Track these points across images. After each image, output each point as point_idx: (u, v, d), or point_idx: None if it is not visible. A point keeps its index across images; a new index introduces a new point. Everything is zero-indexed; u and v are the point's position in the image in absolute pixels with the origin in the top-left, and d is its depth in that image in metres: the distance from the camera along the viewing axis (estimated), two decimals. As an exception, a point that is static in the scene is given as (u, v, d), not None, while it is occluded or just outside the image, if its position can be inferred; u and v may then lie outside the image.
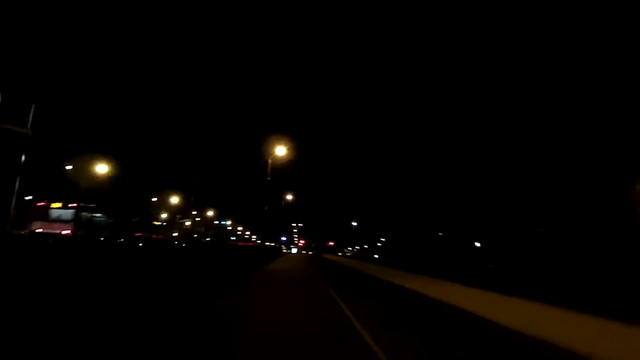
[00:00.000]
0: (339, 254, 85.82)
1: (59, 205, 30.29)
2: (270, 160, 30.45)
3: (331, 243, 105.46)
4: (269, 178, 30.40)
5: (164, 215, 73.93)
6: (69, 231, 26.14)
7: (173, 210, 66.57)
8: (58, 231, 25.93)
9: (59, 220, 28.00)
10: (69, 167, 37.53)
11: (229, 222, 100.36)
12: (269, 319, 7.33)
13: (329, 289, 11.98)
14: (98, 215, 32.98)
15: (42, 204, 29.85)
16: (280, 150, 30.31)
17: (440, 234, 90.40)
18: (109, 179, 43.74)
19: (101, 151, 41.09)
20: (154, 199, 61.41)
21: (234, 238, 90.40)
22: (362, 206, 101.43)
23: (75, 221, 28.05)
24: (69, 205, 29.86)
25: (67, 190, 44.05)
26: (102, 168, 38.37)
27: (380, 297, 12.20)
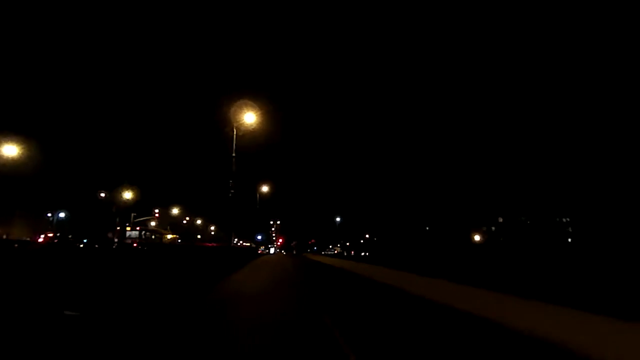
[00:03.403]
0: (322, 252, 77.61)
1: (129, 228, 49.03)
2: (235, 130, 22.47)
3: (310, 243, 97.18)
4: (234, 154, 22.40)
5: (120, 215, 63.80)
6: (136, 244, 41.35)
7: (127, 208, 56.68)
8: (131, 242, 41.90)
9: (130, 237, 45.47)
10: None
11: (199, 222, 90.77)
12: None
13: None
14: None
15: (119, 228, 48.07)
16: (250, 118, 22.46)
17: (427, 228, 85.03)
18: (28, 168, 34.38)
19: (14, 131, 31.73)
20: (102, 195, 51.53)
21: (199, 236, 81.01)
22: (345, 201, 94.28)
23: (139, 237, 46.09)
24: (135, 228, 50.55)
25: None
26: (10, 150, 29.09)
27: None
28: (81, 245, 32.97)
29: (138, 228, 61.25)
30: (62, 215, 67.57)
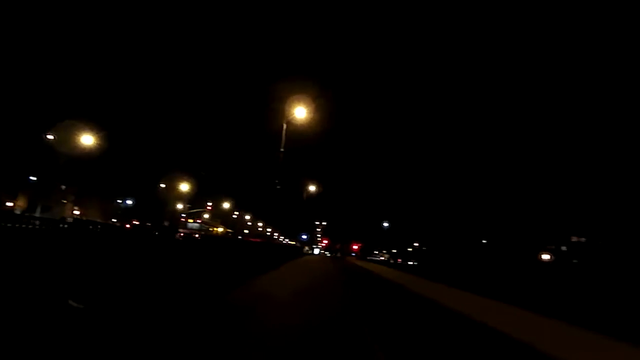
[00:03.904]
0: (367, 258, 75.11)
1: (192, 220, 53.13)
2: (285, 125, 21.99)
3: (355, 247, 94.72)
4: (282, 149, 21.93)
5: (179, 206, 67.49)
6: (197, 235, 44.85)
7: (184, 199, 59.65)
8: (195, 234, 43.91)
9: (192, 229, 48.01)
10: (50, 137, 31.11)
11: (248, 217, 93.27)
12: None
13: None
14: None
15: (183, 220, 52.64)
16: (300, 112, 21.83)
17: (483, 241, 79.03)
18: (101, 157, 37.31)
19: (89, 121, 34.37)
20: (162, 185, 54.55)
21: (247, 231, 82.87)
22: (394, 206, 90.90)
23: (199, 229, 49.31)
24: (196, 220, 55.53)
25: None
26: (87, 139, 31.48)
27: None
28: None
29: (199, 220, 64.36)
30: (129, 202, 73.08)
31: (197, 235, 41.91)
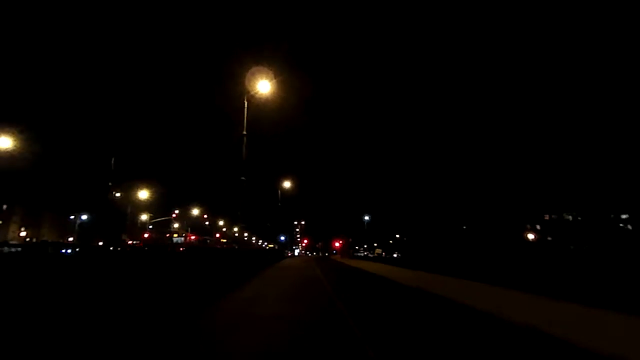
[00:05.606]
0: (359, 254, 71.02)
1: (176, 235, 49.78)
2: (246, 103, 18.06)
3: (337, 244, 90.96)
4: (245, 132, 17.96)
5: (144, 217, 61.42)
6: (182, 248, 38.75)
7: (145, 208, 53.83)
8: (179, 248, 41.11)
9: (176, 244, 44.37)
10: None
11: (221, 223, 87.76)
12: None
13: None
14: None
15: (168, 235, 50.32)
16: (264, 87, 18.00)
17: (464, 227, 78.20)
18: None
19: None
20: (118, 195, 48.62)
21: (222, 238, 77.31)
22: (374, 198, 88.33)
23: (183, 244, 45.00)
24: (181, 234, 52.60)
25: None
26: (3, 142, 25.85)
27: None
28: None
29: (184, 234, 58.89)
30: (84, 217, 65.95)
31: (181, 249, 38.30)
